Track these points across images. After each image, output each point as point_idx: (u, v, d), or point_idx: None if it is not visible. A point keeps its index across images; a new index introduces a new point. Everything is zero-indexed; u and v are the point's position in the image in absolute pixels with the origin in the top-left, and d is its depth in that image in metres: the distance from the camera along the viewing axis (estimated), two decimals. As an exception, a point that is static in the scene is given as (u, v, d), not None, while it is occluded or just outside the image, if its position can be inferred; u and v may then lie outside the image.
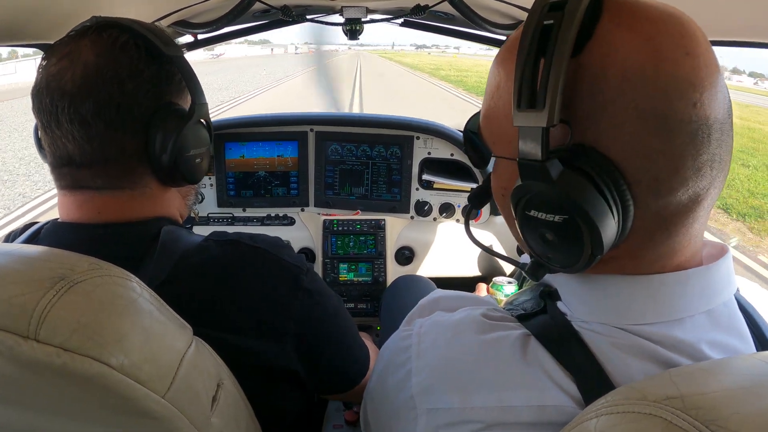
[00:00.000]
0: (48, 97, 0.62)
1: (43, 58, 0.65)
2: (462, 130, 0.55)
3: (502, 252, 1.80)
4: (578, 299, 0.50)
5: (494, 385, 0.47)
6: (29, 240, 0.68)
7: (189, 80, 0.69)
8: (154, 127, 0.65)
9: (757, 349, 0.52)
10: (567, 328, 0.48)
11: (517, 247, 1.73)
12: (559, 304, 0.52)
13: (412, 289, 1.56)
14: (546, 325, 0.50)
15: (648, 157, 0.41)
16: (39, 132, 0.66)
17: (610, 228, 0.41)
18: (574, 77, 0.41)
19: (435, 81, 27.77)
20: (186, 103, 0.71)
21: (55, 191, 0.68)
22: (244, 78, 25.36)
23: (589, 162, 0.41)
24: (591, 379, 0.45)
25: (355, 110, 13.33)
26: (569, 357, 0.46)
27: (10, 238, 0.71)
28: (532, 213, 0.43)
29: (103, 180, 0.65)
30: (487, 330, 0.51)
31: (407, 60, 60.02)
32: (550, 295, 0.54)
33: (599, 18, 0.41)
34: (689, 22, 0.42)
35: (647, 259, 0.46)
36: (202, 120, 0.72)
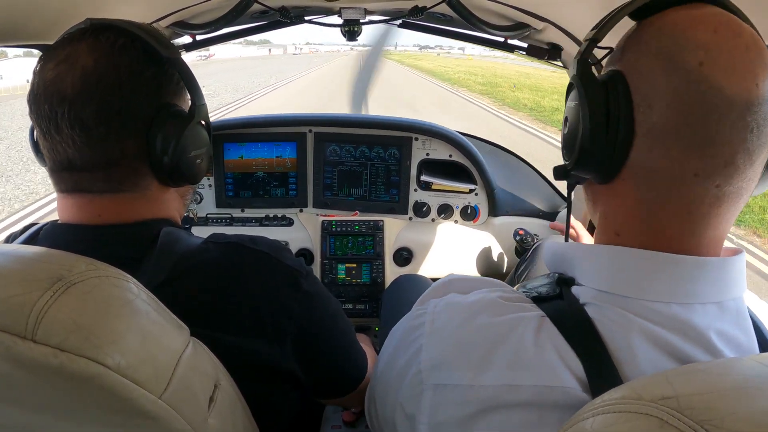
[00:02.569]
0: (46, 103, 0.61)
1: (38, 62, 0.64)
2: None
3: (501, 253, 1.81)
4: (595, 269, 0.52)
5: (507, 363, 0.48)
6: (28, 241, 0.68)
7: (188, 81, 0.69)
8: (155, 129, 0.65)
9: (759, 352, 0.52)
10: (581, 314, 0.50)
11: (515, 247, 1.73)
12: (573, 289, 0.54)
13: (413, 288, 1.57)
14: (561, 309, 0.51)
15: (650, 85, 0.47)
16: (36, 136, 0.66)
17: (599, 119, 0.49)
18: (634, 29, 0.51)
19: (534, 126, 12.61)
20: (184, 104, 0.71)
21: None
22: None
23: (611, 74, 0.50)
24: (598, 365, 0.46)
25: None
26: (580, 341, 0.48)
27: (11, 239, 0.71)
28: (567, 103, 0.55)
29: (104, 183, 0.65)
30: (504, 311, 0.52)
31: (425, 64, 45.93)
32: (566, 282, 0.55)
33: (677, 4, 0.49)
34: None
35: (667, 234, 0.49)
36: (202, 121, 0.72)
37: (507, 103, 17.80)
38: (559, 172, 0.58)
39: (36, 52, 1.00)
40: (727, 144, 0.44)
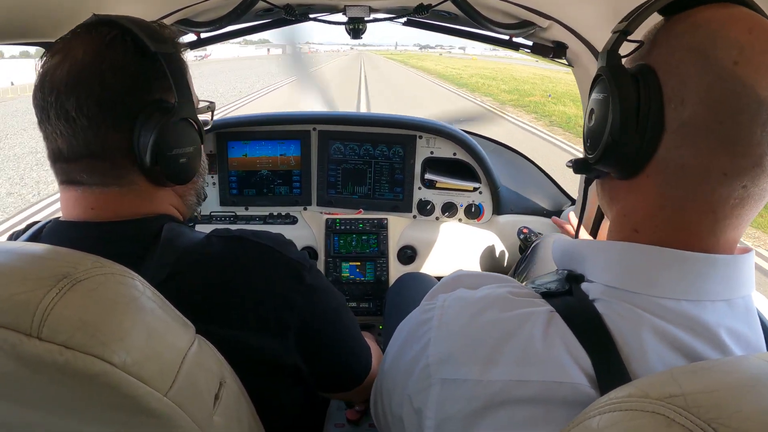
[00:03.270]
0: (41, 92, 0.63)
1: (43, 54, 0.65)
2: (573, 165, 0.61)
3: (504, 251, 1.80)
4: (606, 265, 0.52)
5: (515, 359, 0.48)
6: (31, 239, 0.68)
7: (175, 78, 0.66)
8: (138, 124, 0.64)
9: None
10: (590, 309, 0.49)
11: (519, 246, 1.73)
12: (583, 285, 0.53)
13: (417, 286, 1.56)
14: (570, 304, 0.51)
15: (682, 80, 0.47)
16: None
17: (630, 113, 0.48)
18: (663, 23, 0.51)
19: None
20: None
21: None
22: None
23: (641, 68, 0.50)
24: (606, 361, 0.46)
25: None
26: (589, 337, 0.47)
27: (14, 237, 0.72)
28: (593, 95, 0.54)
29: (90, 175, 0.65)
30: (513, 306, 0.52)
31: (430, 65, 42.62)
32: (575, 279, 0.55)
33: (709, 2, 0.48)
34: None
35: (688, 232, 0.48)
36: (191, 119, 0.70)
37: (555, 122, 12.88)
38: (580, 166, 0.57)
39: (33, 52, 1.00)
40: (756, 145, 0.44)
